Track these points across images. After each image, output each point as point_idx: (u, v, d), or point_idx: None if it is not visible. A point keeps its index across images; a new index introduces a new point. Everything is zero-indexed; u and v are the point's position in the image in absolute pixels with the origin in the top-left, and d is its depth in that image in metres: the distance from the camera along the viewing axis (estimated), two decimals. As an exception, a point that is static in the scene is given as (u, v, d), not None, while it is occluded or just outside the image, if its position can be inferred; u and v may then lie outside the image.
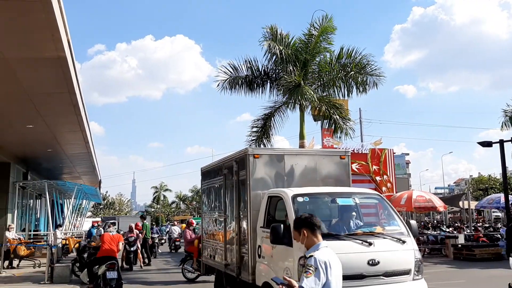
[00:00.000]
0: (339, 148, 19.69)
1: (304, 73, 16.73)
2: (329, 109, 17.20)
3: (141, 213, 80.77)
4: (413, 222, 7.04)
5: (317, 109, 17.49)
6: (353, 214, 7.11)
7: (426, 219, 37.75)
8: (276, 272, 6.54)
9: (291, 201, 6.65)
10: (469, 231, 22.10)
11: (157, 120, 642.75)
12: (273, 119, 17.86)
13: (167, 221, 59.36)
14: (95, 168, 27.15)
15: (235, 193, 8.38)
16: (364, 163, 22.19)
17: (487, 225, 27.02)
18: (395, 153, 25.35)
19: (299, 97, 16.07)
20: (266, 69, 17.83)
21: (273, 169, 7.93)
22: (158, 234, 24.06)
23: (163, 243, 26.11)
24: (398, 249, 6.37)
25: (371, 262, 6.06)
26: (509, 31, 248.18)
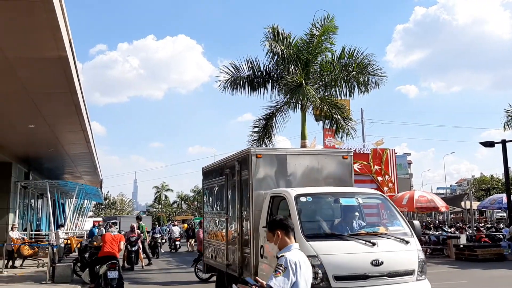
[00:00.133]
0: (340, 148, 19.67)
1: (305, 73, 16.71)
2: (331, 109, 17.19)
3: (142, 213, 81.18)
4: (416, 222, 7.03)
5: (319, 109, 17.47)
6: (356, 214, 7.09)
7: (428, 219, 37.68)
8: None
9: (294, 201, 6.62)
10: (471, 231, 22.06)
11: (159, 120, 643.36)
12: (274, 119, 17.84)
13: (168, 221, 59.36)
14: (96, 168, 27.17)
15: (237, 193, 8.34)
16: (366, 163, 22.20)
17: (489, 226, 26.96)
18: (396, 153, 25.36)
19: (301, 97, 16.04)
20: (267, 69, 17.81)
21: (275, 169, 7.90)
22: (160, 234, 23.94)
23: (163, 243, 26.09)
24: (401, 250, 6.35)
25: (374, 262, 6.03)
26: (511, 31, 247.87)
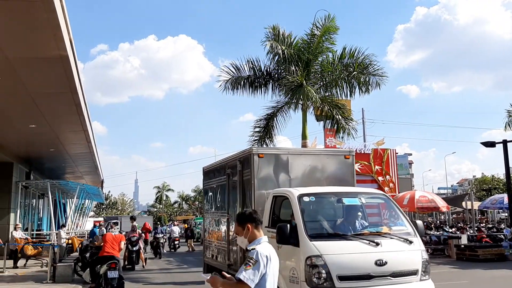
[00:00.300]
0: (341, 148, 19.66)
1: (306, 73, 16.70)
2: (332, 109, 17.18)
3: (143, 213, 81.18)
4: (419, 222, 6.98)
5: (320, 109, 17.47)
6: (359, 214, 7.07)
7: (429, 219, 37.65)
8: (281, 272, 6.49)
9: (297, 201, 6.61)
10: (472, 231, 22.02)
11: (160, 120, 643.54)
12: (275, 119, 17.84)
13: (169, 221, 59.36)
14: (97, 167, 27.19)
15: (238, 193, 8.34)
16: (366, 163, 22.18)
17: (491, 226, 26.92)
18: (397, 153, 25.36)
19: (302, 97, 16.03)
20: (268, 69, 17.82)
21: (277, 168, 7.90)
22: (162, 233, 23.83)
23: (163, 242, 26.07)
24: (405, 250, 6.33)
25: (378, 262, 6.01)
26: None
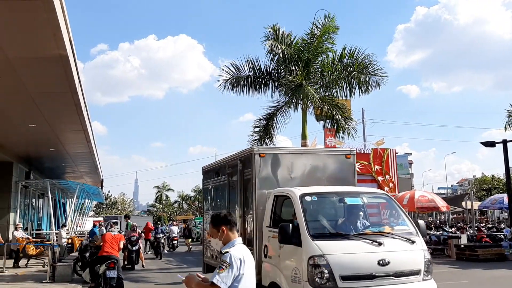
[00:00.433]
0: (341, 148, 19.65)
1: (306, 73, 16.70)
2: (332, 109, 17.18)
3: (143, 213, 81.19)
4: (421, 222, 6.95)
5: (320, 109, 17.47)
6: (361, 214, 7.05)
7: (429, 219, 37.66)
8: (283, 271, 6.49)
9: (299, 200, 6.59)
10: (472, 231, 22.01)
11: (160, 120, 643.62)
12: (275, 119, 17.85)
13: (169, 221, 59.38)
14: (97, 167, 27.19)
15: (239, 192, 8.31)
16: (366, 163, 22.20)
17: (490, 226, 26.92)
18: (397, 153, 25.36)
19: (301, 97, 16.04)
20: (268, 69, 17.83)
21: (278, 168, 7.87)
22: (163, 233, 23.72)
23: (164, 242, 26.01)
24: (407, 249, 6.31)
25: (381, 262, 5.97)
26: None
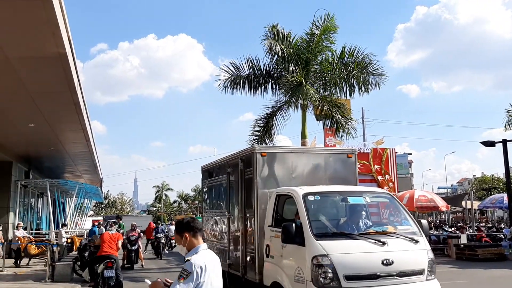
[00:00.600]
0: (341, 147, 19.65)
1: (306, 72, 16.68)
2: (331, 109, 17.16)
3: (142, 212, 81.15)
4: (424, 221, 6.92)
5: (319, 108, 17.45)
6: (363, 213, 7.04)
7: (429, 219, 37.67)
8: (286, 271, 6.47)
9: (302, 200, 6.57)
10: (472, 231, 22.02)
11: (159, 119, 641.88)
12: (275, 118, 17.82)
13: (168, 221, 59.39)
14: (96, 167, 27.16)
15: (240, 192, 8.27)
16: (366, 162, 22.20)
17: (490, 225, 26.93)
18: (397, 152, 25.36)
19: (301, 96, 16.01)
20: (268, 68, 17.80)
21: (280, 167, 7.85)
22: (163, 233, 23.63)
23: (164, 242, 25.97)
24: (411, 249, 6.29)
25: (385, 262, 5.96)
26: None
